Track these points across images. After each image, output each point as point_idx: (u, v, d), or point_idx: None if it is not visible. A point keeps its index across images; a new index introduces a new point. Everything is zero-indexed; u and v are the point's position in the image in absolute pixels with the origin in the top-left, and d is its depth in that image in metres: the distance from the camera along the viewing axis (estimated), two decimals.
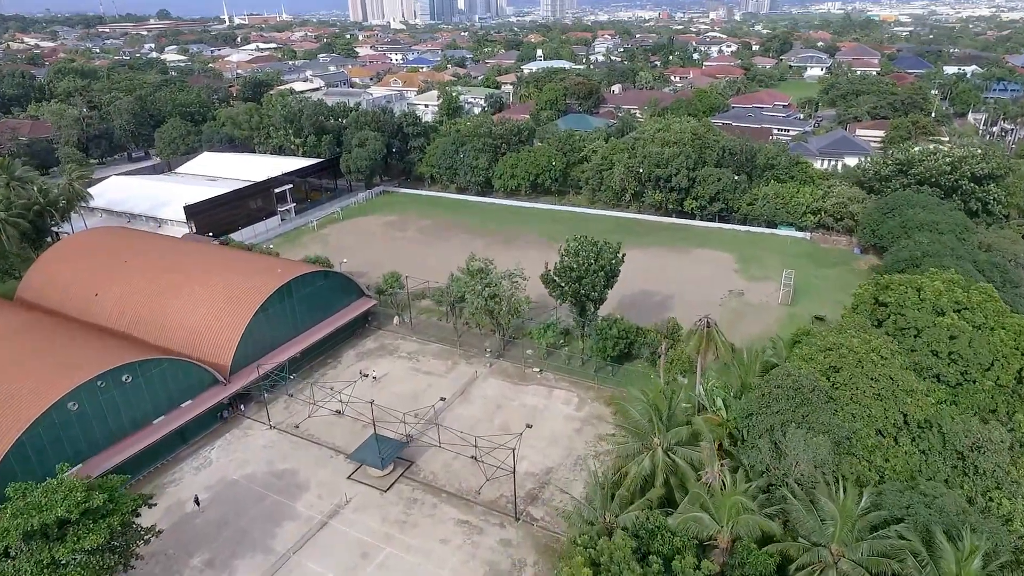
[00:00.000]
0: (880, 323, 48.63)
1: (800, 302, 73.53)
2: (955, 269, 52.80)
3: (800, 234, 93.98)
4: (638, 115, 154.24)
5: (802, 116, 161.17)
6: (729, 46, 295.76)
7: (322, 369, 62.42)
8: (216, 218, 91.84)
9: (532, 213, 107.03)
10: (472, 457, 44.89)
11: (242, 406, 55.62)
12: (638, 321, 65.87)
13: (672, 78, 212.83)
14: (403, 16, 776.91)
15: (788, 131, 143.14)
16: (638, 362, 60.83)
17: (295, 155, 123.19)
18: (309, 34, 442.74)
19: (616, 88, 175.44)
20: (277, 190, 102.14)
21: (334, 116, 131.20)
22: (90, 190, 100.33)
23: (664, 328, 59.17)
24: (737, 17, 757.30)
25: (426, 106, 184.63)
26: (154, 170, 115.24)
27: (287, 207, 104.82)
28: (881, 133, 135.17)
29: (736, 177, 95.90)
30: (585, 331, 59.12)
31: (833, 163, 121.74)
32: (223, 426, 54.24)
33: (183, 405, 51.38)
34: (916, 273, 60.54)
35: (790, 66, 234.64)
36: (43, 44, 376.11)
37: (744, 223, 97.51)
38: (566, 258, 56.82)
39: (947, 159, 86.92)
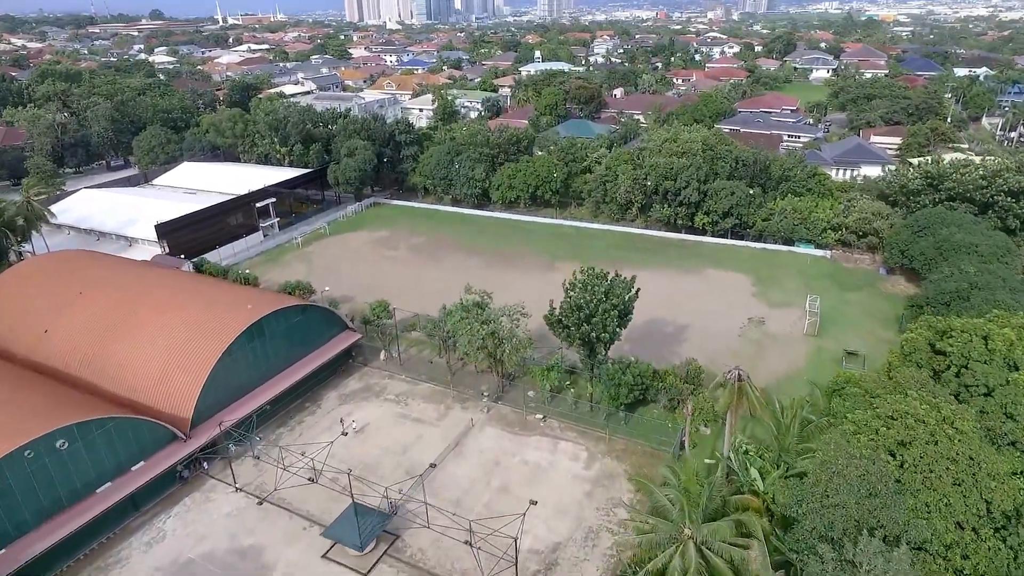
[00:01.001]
0: (937, 374, 42.11)
1: (827, 332, 66.96)
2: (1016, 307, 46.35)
3: (820, 252, 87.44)
4: (641, 120, 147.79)
5: (811, 121, 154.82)
6: (731, 47, 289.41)
7: (299, 415, 55.67)
8: (191, 237, 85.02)
9: (532, 228, 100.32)
10: (466, 542, 38.16)
11: (204, 464, 48.84)
12: (651, 355, 59.43)
13: (675, 80, 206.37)
14: (399, 16, 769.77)
15: (799, 138, 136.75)
16: (654, 407, 54.21)
17: (281, 165, 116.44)
18: (303, 35, 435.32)
19: (618, 92, 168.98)
20: (259, 204, 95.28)
21: (323, 123, 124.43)
22: (58, 204, 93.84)
23: (685, 372, 52.53)
24: (735, 17, 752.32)
25: (420, 110, 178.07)
26: (129, 182, 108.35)
27: (270, 222, 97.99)
28: (897, 140, 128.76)
29: (751, 191, 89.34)
30: (594, 373, 52.44)
31: (849, 173, 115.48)
32: (182, 489, 47.44)
33: (134, 468, 44.62)
34: (965, 306, 54.25)
35: (795, 68, 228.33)
36: (30, 45, 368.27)
37: (759, 239, 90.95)
38: (572, 293, 50.14)
39: (980, 172, 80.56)
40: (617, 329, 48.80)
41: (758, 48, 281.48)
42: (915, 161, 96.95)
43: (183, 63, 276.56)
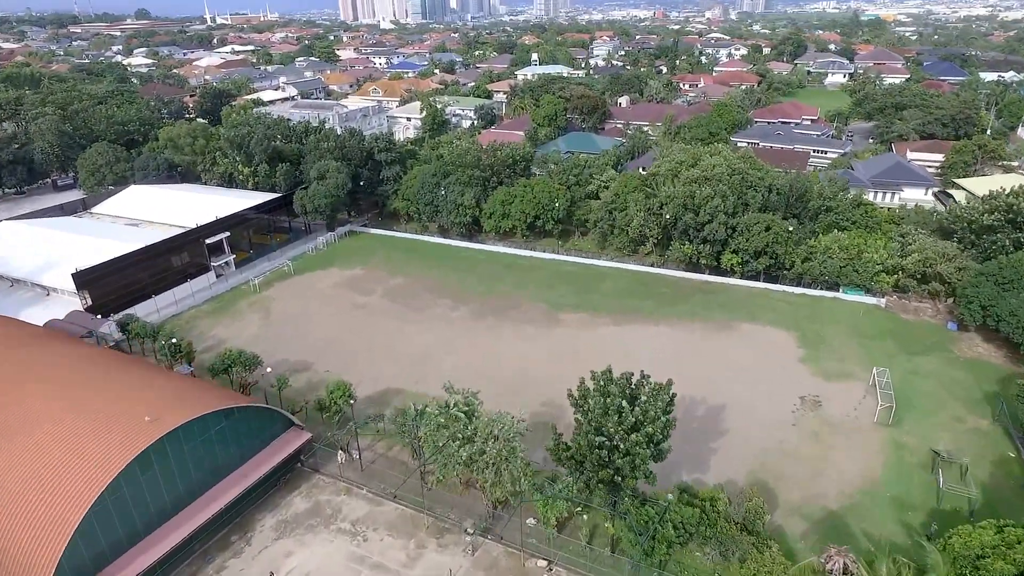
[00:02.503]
0: None
1: (902, 418, 53.17)
2: None
3: (872, 299, 73.74)
4: (650, 133, 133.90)
5: (833, 133, 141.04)
6: (738, 49, 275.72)
7: (221, 557, 41.56)
8: (121, 284, 70.88)
9: (529, 265, 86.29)
10: None
11: None
12: (681, 456, 45.80)
13: (681, 86, 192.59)
14: (394, 15, 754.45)
15: (825, 153, 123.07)
16: (696, 551, 40.29)
17: (245, 187, 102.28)
18: (291, 35, 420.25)
19: (623, 101, 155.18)
20: (210, 240, 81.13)
21: (296, 137, 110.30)
22: None
23: (741, 515, 38.63)
24: (733, 16, 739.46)
25: (408, 119, 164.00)
26: (62, 211, 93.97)
27: (224, 259, 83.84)
28: (938, 157, 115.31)
29: (791, 229, 75.52)
30: (616, 511, 38.50)
31: (889, 197, 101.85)
32: None
33: None
34: None
35: (808, 72, 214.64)
36: (5, 46, 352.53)
37: (798, 282, 77.21)
38: (585, 417, 36.20)
39: None
40: (651, 471, 34.85)
41: (766, 50, 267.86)
42: (976, 184, 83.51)
43: (160, 66, 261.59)
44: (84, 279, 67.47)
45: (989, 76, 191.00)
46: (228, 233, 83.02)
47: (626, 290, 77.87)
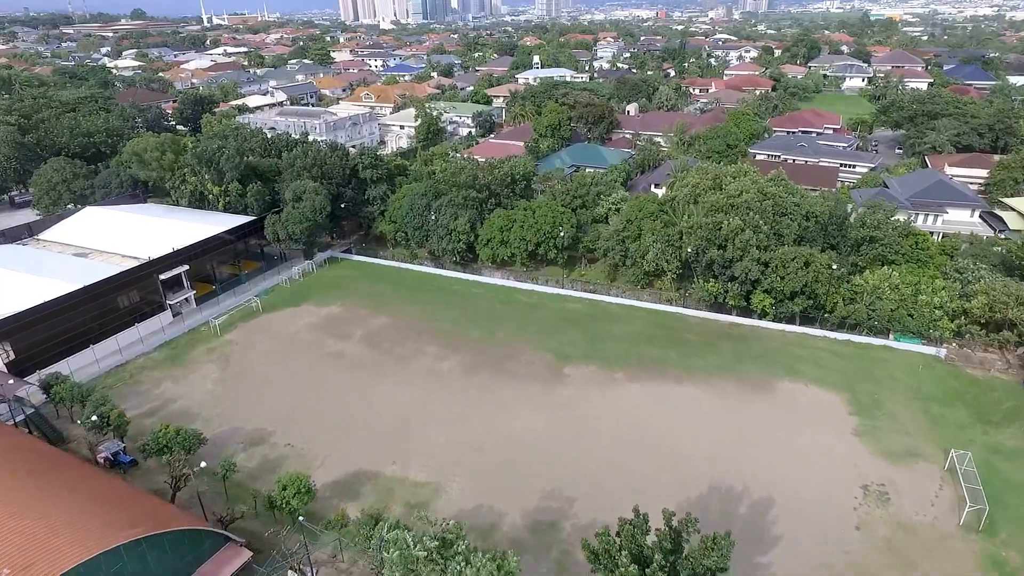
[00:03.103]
0: None
1: (997, 522, 42.68)
2: None
3: (930, 349, 63.30)
4: (663, 144, 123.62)
5: (860, 144, 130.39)
6: (748, 51, 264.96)
7: None
8: (54, 331, 60.72)
9: (531, 304, 75.84)
10: None
11: None
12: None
13: (691, 91, 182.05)
14: (395, 15, 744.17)
15: (853, 167, 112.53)
16: None
17: (215, 207, 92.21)
18: (286, 36, 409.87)
19: (631, 109, 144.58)
20: (166, 275, 70.90)
21: (275, 151, 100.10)
22: None
23: None
24: (736, 16, 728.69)
25: (401, 127, 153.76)
26: (3, 238, 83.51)
27: (183, 295, 73.64)
28: (981, 173, 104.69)
29: (834, 266, 65.13)
30: None
31: (931, 219, 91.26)
32: None
33: None
34: None
35: (825, 76, 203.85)
36: None
37: (840, 325, 66.82)
38: None
39: None
40: None
41: (777, 52, 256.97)
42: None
43: (146, 69, 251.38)
44: (6, 329, 57.26)
45: (1017, 80, 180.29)
46: (187, 267, 72.76)
47: (642, 335, 67.46)
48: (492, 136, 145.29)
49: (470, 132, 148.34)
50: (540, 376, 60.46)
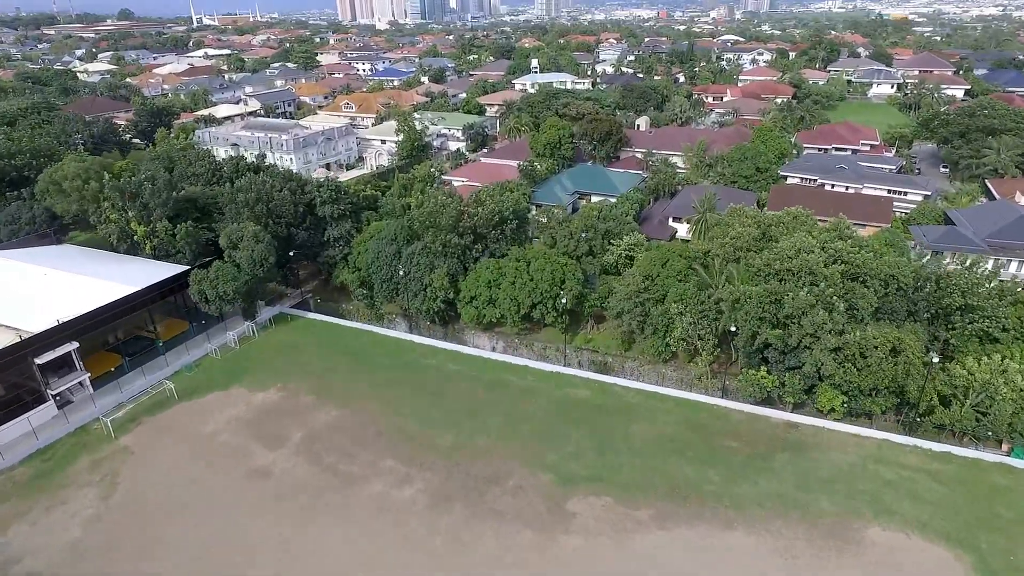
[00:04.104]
0: None
1: None
2: None
3: None
4: (680, 166, 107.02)
5: (904, 164, 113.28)
6: (761, 54, 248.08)
7: None
8: None
9: (523, 387, 58.82)
10: None
11: None
12: None
13: (704, 98, 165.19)
14: (393, 15, 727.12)
15: (905, 194, 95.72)
16: None
17: (142, 250, 75.55)
18: (274, 37, 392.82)
19: (642, 123, 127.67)
20: (45, 358, 54.17)
21: (227, 178, 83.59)
22: None
23: None
24: (738, 15, 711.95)
25: (383, 142, 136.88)
26: None
27: (75, 379, 56.95)
28: None
29: (936, 359, 48.48)
30: None
31: (1014, 265, 74.77)
32: None
33: None
34: None
35: (849, 82, 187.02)
36: None
37: (939, 432, 50.20)
38: None
39: None
40: None
41: (791, 55, 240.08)
42: None
43: (115, 74, 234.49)
44: None
45: None
46: (76, 344, 56.03)
47: (670, 442, 50.73)
48: (484, 151, 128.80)
49: (459, 148, 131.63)
50: (534, 515, 43.77)
